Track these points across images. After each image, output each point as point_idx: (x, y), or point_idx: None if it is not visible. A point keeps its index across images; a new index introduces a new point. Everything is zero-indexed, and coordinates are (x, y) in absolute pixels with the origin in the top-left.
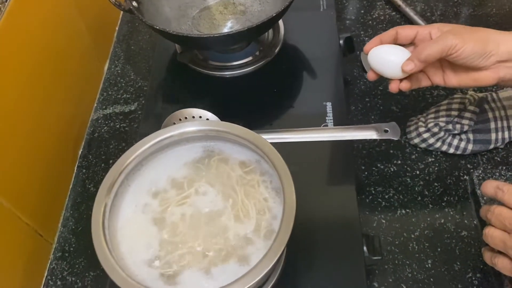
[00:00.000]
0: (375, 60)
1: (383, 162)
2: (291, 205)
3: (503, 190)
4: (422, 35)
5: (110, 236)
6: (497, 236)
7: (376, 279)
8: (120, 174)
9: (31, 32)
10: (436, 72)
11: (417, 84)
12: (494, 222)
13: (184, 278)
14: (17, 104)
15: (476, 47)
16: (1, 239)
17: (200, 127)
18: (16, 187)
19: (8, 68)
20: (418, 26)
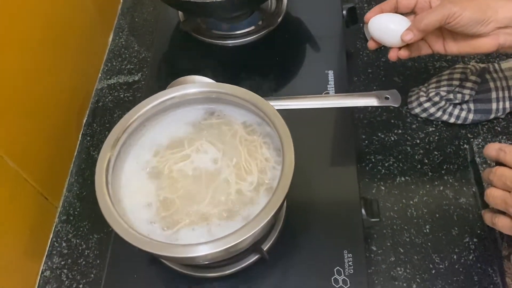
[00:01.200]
0: (375, 29)
1: (384, 132)
2: (290, 163)
3: (505, 151)
4: (422, 4)
5: (113, 192)
6: (498, 195)
7: (375, 243)
8: (123, 133)
9: (36, 2)
10: (436, 40)
11: (418, 52)
12: (496, 182)
13: (185, 234)
14: (25, 72)
15: (474, 14)
16: (9, 199)
17: (202, 88)
18: (23, 151)
19: (14, 37)
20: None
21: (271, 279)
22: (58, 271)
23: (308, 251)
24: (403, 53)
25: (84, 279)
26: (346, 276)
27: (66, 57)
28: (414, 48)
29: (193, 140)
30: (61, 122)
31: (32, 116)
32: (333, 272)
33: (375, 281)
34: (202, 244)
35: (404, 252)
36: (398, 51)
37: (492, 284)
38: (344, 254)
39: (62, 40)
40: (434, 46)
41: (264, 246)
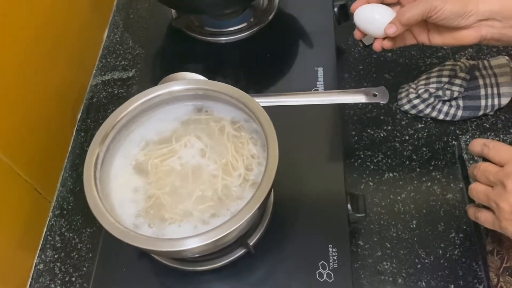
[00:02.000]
0: (361, 19)
1: (373, 128)
2: (274, 157)
3: (488, 146)
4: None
5: (101, 187)
6: (481, 190)
7: (362, 237)
8: (112, 129)
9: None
10: (421, 31)
11: (403, 42)
12: (479, 177)
13: (171, 230)
14: (19, 68)
15: (455, 8)
16: (2, 193)
17: (189, 85)
18: (17, 146)
19: (9, 34)
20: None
21: (258, 272)
22: (51, 264)
23: (294, 246)
24: (387, 43)
25: (76, 272)
26: (331, 270)
27: (60, 53)
28: (399, 38)
29: (181, 136)
30: (55, 118)
31: (26, 111)
32: (318, 266)
33: (361, 275)
34: (188, 238)
35: (391, 247)
36: (382, 41)
37: (476, 278)
38: (329, 249)
39: (56, 36)
40: (418, 37)
41: (251, 240)
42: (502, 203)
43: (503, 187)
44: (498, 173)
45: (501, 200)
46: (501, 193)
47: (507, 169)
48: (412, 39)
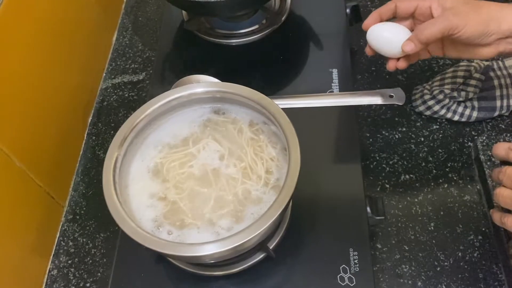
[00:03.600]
0: (374, 38)
1: (388, 130)
2: (296, 161)
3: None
4: (422, 9)
5: (120, 191)
6: (508, 195)
7: (380, 240)
8: (130, 132)
9: (42, 3)
10: (436, 46)
11: (416, 58)
12: (505, 182)
13: (190, 235)
14: (30, 73)
15: (477, 29)
16: (16, 198)
17: (208, 88)
18: (30, 151)
19: (20, 39)
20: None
21: (277, 277)
22: (65, 270)
23: (314, 249)
24: (401, 64)
25: (91, 278)
26: (352, 274)
27: (70, 57)
28: (413, 55)
29: (198, 139)
30: (66, 122)
31: (38, 116)
32: (339, 270)
33: (380, 278)
34: (209, 243)
35: (409, 250)
36: (396, 62)
37: (497, 281)
38: (350, 252)
39: (66, 40)
40: (433, 51)
41: (270, 245)
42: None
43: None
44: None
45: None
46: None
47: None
48: (426, 54)
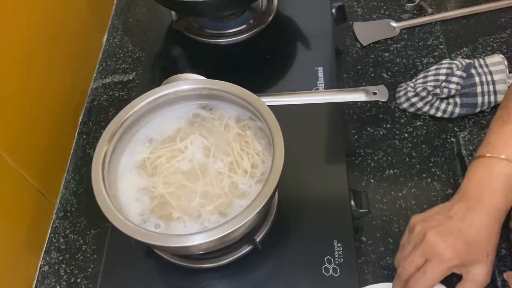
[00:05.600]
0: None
1: (373, 126)
2: (280, 154)
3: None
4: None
5: (109, 186)
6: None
7: (365, 234)
8: (119, 128)
9: (32, 4)
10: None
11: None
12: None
13: (176, 229)
14: (21, 72)
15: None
16: (7, 196)
17: (195, 85)
18: (21, 149)
19: (10, 38)
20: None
21: (264, 269)
22: (56, 266)
23: (299, 242)
24: None
25: (81, 273)
26: (336, 265)
27: (61, 58)
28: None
29: (186, 135)
30: (57, 121)
31: (29, 115)
32: (323, 261)
33: (365, 270)
34: (196, 234)
35: (394, 242)
36: None
37: None
38: (334, 244)
39: (57, 41)
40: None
41: (257, 237)
42: None
43: None
44: None
45: None
46: None
47: None
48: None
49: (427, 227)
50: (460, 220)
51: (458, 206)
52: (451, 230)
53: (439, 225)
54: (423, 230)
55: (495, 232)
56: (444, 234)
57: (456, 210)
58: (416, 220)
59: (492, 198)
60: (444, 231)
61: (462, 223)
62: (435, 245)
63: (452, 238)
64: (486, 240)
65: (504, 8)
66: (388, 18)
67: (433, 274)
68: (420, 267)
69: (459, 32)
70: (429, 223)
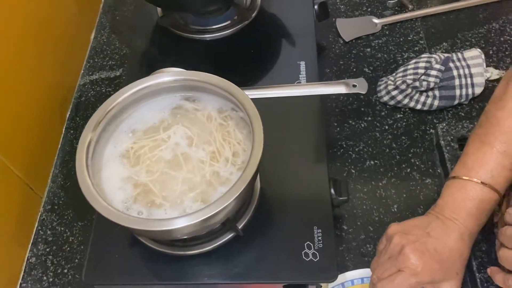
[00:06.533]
0: None
1: (355, 119)
2: (259, 141)
3: (509, 213)
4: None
5: (93, 175)
6: (510, 256)
7: (346, 222)
8: (103, 118)
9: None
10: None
11: None
12: (506, 242)
13: (159, 213)
14: (10, 68)
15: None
16: None
17: (176, 77)
18: (9, 143)
19: None
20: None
21: (247, 255)
22: (43, 258)
23: (280, 229)
24: None
25: (68, 264)
26: (316, 250)
27: (49, 54)
28: None
29: (169, 125)
30: (45, 116)
31: (17, 110)
32: (303, 247)
33: (346, 257)
34: (177, 218)
35: (374, 230)
36: None
37: None
38: (314, 230)
39: (45, 38)
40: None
41: (239, 225)
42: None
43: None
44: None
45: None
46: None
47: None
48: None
49: (405, 241)
50: (436, 239)
51: (435, 223)
52: (427, 247)
53: (416, 240)
54: (400, 243)
55: (466, 252)
56: (420, 250)
57: (433, 227)
58: (394, 230)
59: (466, 221)
60: (421, 247)
61: (437, 242)
62: (410, 260)
63: (427, 256)
64: (458, 260)
65: (483, 4)
66: (370, 14)
67: (401, 283)
68: (395, 275)
69: (439, 28)
70: (407, 237)
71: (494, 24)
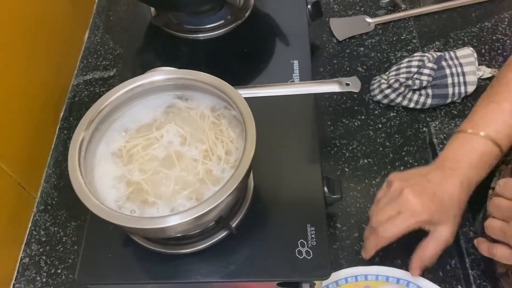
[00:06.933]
0: None
1: (348, 118)
2: (252, 139)
3: (499, 184)
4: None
5: (86, 174)
6: (496, 225)
7: (340, 220)
8: (95, 117)
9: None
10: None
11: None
12: (494, 213)
13: (152, 212)
14: (3, 68)
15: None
16: None
17: (169, 75)
18: (2, 143)
19: None
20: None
21: (241, 253)
22: (36, 258)
23: (274, 227)
24: None
25: (62, 264)
26: (309, 248)
27: (43, 55)
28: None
29: (162, 124)
30: (39, 117)
31: (10, 110)
32: (297, 244)
33: (339, 255)
34: (170, 216)
35: None
36: None
37: (448, 254)
38: (307, 228)
39: (39, 38)
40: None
41: (233, 223)
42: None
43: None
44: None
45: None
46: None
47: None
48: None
49: (405, 185)
50: (435, 184)
51: (436, 172)
52: (426, 190)
53: (416, 184)
54: (400, 187)
55: (464, 200)
56: (419, 192)
57: (433, 175)
58: (394, 177)
59: (467, 171)
60: (420, 190)
61: (437, 187)
62: (409, 201)
63: (426, 197)
64: (456, 206)
65: (475, 3)
66: (364, 14)
67: (401, 224)
68: (394, 217)
69: (432, 27)
70: (407, 182)
71: (486, 23)
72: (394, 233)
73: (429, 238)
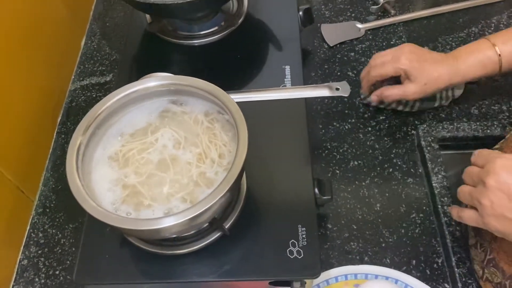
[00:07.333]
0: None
1: (339, 121)
2: (244, 142)
3: (474, 154)
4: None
5: (83, 177)
6: (465, 190)
7: (330, 221)
8: (93, 122)
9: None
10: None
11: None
12: (465, 179)
13: (147, 214)
14: (1, 74)
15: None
16: None
17: (164, 81)
18: (1, 147)
19: None
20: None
21: (234, 253)
22: (35, 260)
23: (266, 227)
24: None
25: (60, 266)
26: (300, 248)
27: (41, 60)
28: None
29: (157, 128)
30: (37, 121)
31: (9, 115)
32: (288, 245)
33: (330, 255)
34: (164, 217)
35: (357, 228)
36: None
37: (436, 253)
38: (298, 228)
39: (36, 44)
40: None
41: (226, 224)
42: (483, 200)
43: (483, 185)
44: (479, 173)
45: (482, 197)
46: (482, 190)
47: (487, 167)
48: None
49: (410, 47)
50: (432, 58)
51: (437, 54)
52: (421, 56)
53: (419, 51)
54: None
55: (445, 82)
56: (415, 53)
57: (434, 55)
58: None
59: (465, 62)
60: (418, 54)
61: (431, 60)
62: (403, 53)
63: (416, 58)
64: (433, 79)
65: (463, 9)
66: (354, 20)
67: (388, 68)
68: (386, 62)
69: (421, 32)
70: (413, 46)
71: (473, 28)
72: (380, 73)
73: (398, 85)
